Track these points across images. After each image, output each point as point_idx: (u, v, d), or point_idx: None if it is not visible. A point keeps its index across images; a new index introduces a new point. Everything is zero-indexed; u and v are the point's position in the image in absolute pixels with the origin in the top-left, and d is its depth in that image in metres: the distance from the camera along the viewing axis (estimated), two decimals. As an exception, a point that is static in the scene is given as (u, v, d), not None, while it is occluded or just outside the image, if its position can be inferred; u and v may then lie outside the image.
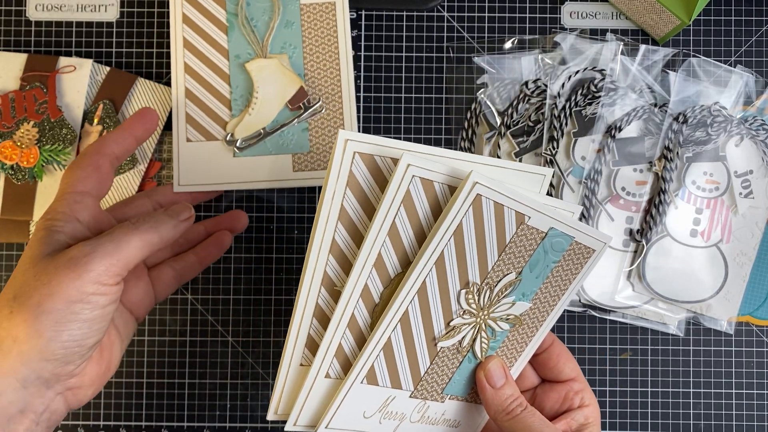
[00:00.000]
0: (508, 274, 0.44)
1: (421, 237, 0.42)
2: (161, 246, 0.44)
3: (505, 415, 0.46)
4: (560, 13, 0.60)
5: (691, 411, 0.58)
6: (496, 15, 0.60)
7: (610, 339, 0.59)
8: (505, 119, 0.58)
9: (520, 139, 0.58)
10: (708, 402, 0.58)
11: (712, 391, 0.58)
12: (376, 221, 0.41)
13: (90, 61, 0.57)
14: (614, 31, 0.59)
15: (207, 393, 0.59)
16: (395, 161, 0.42)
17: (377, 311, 0.43)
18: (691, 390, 0.58)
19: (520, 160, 0.58)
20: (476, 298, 0.44)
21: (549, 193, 0.57)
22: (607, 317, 0.58)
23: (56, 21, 0.60)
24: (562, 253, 0.45)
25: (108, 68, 0.58)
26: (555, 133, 0.57)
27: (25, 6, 0.60)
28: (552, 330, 0.57)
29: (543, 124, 0.57)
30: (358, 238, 0.42)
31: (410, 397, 0.46)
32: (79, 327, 0.40)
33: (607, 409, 0.58)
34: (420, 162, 0.40)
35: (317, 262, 0.42)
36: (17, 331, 0.39)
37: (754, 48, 0.60)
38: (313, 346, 0.44)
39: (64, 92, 0.57)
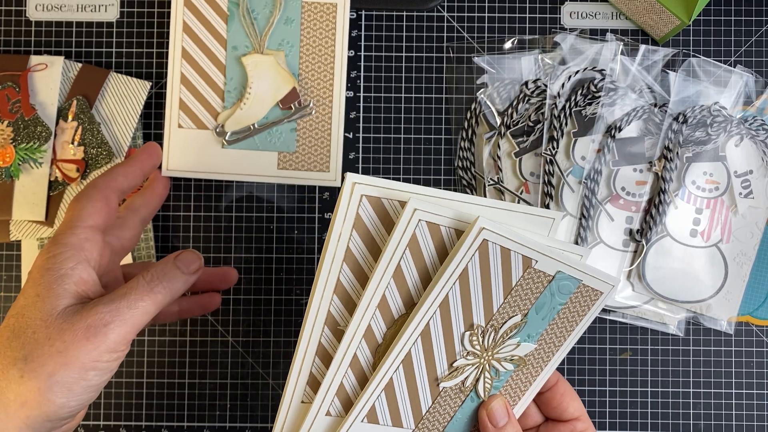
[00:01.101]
0: (513, 316, 0.44)
1: (426, 280, 0.42)
2: (171, 302, 0.44)
3: None
4: (560, 13, 0.60)
5: (691, 411, 0.58)
6: (496, 15, 0.60)
7: (610, 339, 0.59)
8: (505, 119, 0.58)
9: (520, 139, 0.58)
10: (708, 402, 0.58)
11: (712, 391, 0.58)
12: (381, 263, 0.41)
13: (61, 58, 0.57)
14: (614, 31, 0.59)
15: (207, 393, 0.59)
16: (402, 204, 0.42)
17: (380, 351, 0.44)
18: (691, 390, 0.58)
19: (520, 161, 0.58)
20: (480, 339, 0.44)
21: (550, 195, 0.57)
22: (607, 317, 0.58)
23: (56, 21, 0.60)
24: (569, 295, 0.45)
25: (80, 64, 0.58)
26: (555, 133, 0.57)
27: (25, 6, 0.60)
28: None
29: (543, 124, 0.57)
30: (362, 279, 0.43)
31: None
32: (88, 391, 0.41)
33: (607, 409, 0.58)
34: (427, 207, 0.41)
35: (321, 301, 0.43)
36: (27, 397, 0.39)
37: (754, 48, 0.60)
38: (314, 384, 0.44)
39: (36, 90, 0.57)
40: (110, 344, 0.40)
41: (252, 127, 0.57)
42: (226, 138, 0.57)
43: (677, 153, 0.57)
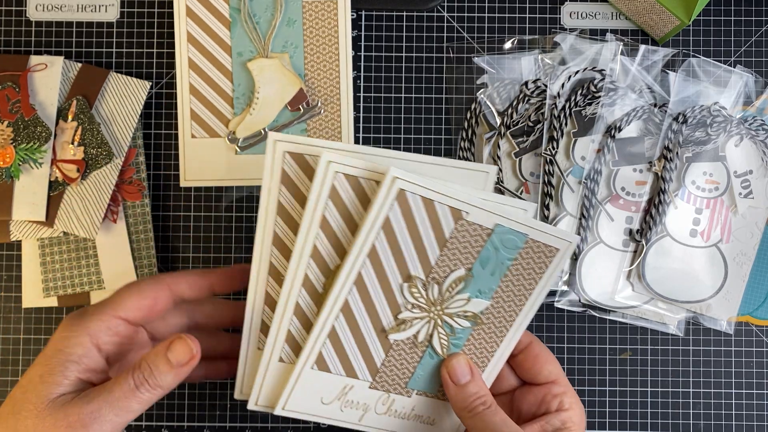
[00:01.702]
0: (456, 269, 0.45)
1: (355, 231, 0.44)
2: (160, 398, 0.45)
3: (467, 412, 0.46)
4: (560, 14, 0.60)
5: (691, 411, 0.58)
6: (496, 15, 0.60)
7: (610, 339, 0.59)
8: (505, 119, 0.58)
9: (520, 139, 0.58)
10: (708, 402, 0.58)
11: (712, 390, 0.58)
12: (306, 213, 0.43)
13: (61, 58, 0.57)
14: (614, 32, 0.59)
15: (207, 393, 0.59)
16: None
17: (321, 301, 0.45)
18: (691, 390, 0.59)
19: (520, 161, 0.58)
20: (423, 292, 0.45)
21: (550, 195, 0.57)
22: (607, 317, 0.58)
23: (56, 21, 0.60)
24: (516, 251, 0.45)
25: (80, 64, 0.58)
26: (555, 134, 0.57)
27: (26, 6, 0.60)
28: (531, 329, 0.57)
29: (543, 125, 0.57)
30: (296, 229, 0.45)
31: (370, 388, 0.48)
32: None
33: (607, 409, 0.58)
34: (341, 159, 0.43)
35: (261, 252, 0.45)
36: None
37: (753, 48, 0.60)
38: (266, 331, 0.46)
39: (36, 90, 0.57)
40: None
41: (263, 131, 0.57)
42: (239, 144, 0.57)
43: (677, 153, 0.57)
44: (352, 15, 0.59)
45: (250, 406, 0.47)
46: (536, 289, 0.47)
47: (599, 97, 0.57)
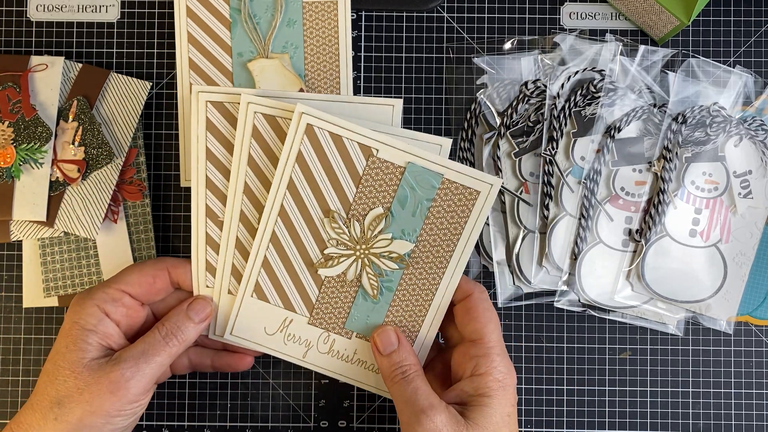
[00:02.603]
0: (374, 207, 0.47)
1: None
2: (185, 350, 0.50)
3: (388, 381, 0.47)
4: (560, 14, 0.60)
5: (690, 410, 0.59)
6: (496, 15, 0.60)
7: (610, 339, 0.59)
8: (505, 120, 0.58)
9: (520, 140, 0.58)
10: (707, 401, 0.59)
11: (711, 390, 0.59)
12: (234, 154, 0.48)
13: (62, 58, 0.57)
14: (613, 32, 0.59)
15: (207, 393, 0.59)
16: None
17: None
18: (691, 390, 0.59)
19: (520, 161, 0.58)
20: (345, 229, 0.48)
21: (550, 195, 0.57)
22: (607, 317, 0.58)
23: (57, 21, 0.60)
24: (434, 191, 0.47)
25: (80, 65, 0.58)
26: (554, 134, 0.57)
27: (26, 6, 0.60)
28: (529, 327, 0.57)
29: (542, 125, 0.57)
30: (227, 173, 0.49)
31: (309, 324, 0.51)
32: None
33: (607, 409, 0.59)
34: (259, 101, 0.47)
35: (197, 197, 0.49)
36: None
37: (753, 48, 0.60)
38: (211, 270, 0.51)
39: (37, 91, 0.57)
40: (131, 397, 0.46)
41: None
42: None
43: (676, 153, 0.57)
44: (352, 15, 0.60)
45: (210, 335, 0.52)
46: (463, 234, 0.48)
47: (599, 97, 0.57)
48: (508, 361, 0.47)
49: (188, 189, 0.59)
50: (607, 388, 0.59)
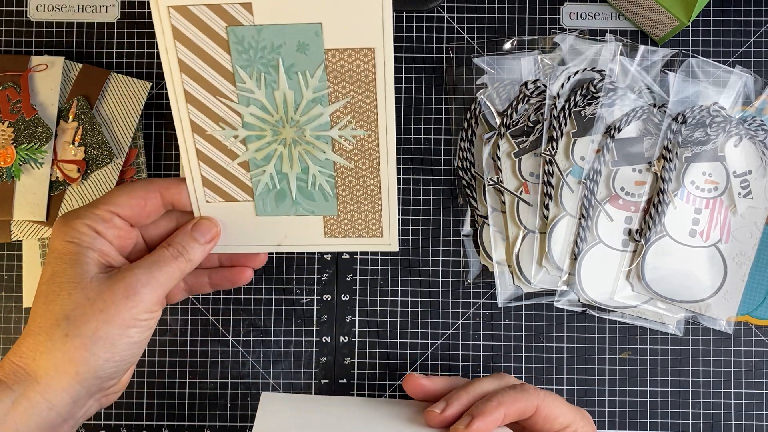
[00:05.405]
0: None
1: (209, 62, 0.45)
2: (192, 269, 0.47)
3: None
4: (560, 14, 0.60)
5: (690, 410, 0.59)
6: (496, 15, 0.60)
7: (610, 339, 0.59)
8: (505, 120, 0.58)
9: (520, 140, 0.58)
10: (707, 402, 0.59)
11: (711, 390, 0.59)
12: (163, 65, 0.45)
13: (62, 58, 0.57)
14: (613, 32, 0.59)
15: (207, 393, 0.59)
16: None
17: None
18: (690, 389, 0.59)
19: (520, 161, 0.58)
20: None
21: (549, 195, 0.57)
22: (607, 317, 0.58)
23: (57, 21, 0.60)
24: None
25: (80, 65, 0.58)
26: (554, 134, 0.57)
27: (26, 6, 0.60)
28: (530, 327, 0.57)
29: (542, 125, 0.57)
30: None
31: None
32: (131, 348, 0.43)
33: (607, 409, 0.59)
34: None
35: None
36: (74, 354, 0.41)
37: (753, 48, 0.60)
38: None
39: (37, 91, 0.57)
40: (147, 303, 0.43)
41: None
42: None
43: (676, 153, 0.57)
44: (352, 15, 0.59)
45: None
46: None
47: (599, 97, 0.57)
48: (575, 408, 0.49)
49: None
50: (607, 388, 0.59)
